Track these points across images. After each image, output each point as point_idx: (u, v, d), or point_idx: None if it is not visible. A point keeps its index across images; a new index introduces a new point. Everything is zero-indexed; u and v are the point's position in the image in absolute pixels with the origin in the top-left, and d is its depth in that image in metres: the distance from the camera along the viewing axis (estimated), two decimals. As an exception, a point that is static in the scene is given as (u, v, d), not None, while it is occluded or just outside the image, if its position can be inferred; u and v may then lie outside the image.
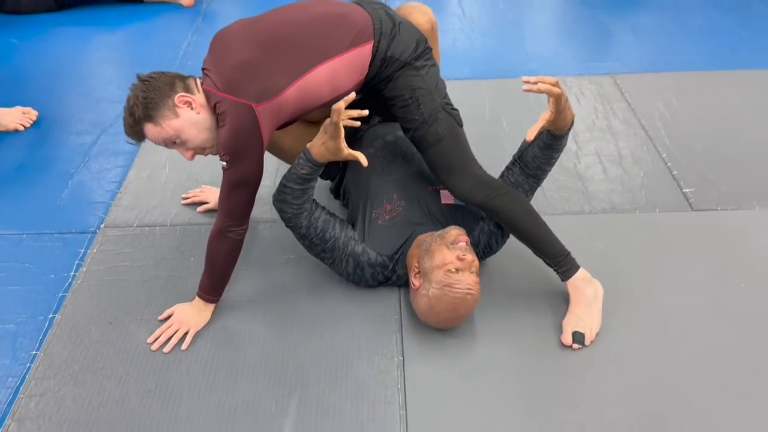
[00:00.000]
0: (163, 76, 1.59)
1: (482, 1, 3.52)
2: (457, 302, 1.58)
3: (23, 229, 2.07)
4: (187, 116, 1.57)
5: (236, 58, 1.57)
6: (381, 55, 1.64)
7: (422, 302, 1.62)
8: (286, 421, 1.50)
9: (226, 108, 1.54)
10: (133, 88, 1.59)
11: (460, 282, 1.57)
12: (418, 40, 1.69)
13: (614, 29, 3.20)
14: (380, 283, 1.78)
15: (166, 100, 1.56)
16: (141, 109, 1.56)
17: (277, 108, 1.57)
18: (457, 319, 1.63)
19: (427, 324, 1.67)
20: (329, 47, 1.60)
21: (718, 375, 1.57)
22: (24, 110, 2.56)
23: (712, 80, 2.72)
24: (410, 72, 1.66)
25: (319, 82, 1.60)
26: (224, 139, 1.55)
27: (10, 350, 1.69)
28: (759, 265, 1.85)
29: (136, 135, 1.61)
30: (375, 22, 1.64)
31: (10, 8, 3.38)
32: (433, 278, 1.59)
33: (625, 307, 1.73)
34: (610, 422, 1.48)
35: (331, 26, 1.63)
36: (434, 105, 1.67)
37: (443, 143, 1.67)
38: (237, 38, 1.62)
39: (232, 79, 1.54)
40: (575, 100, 2.61)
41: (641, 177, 2.20)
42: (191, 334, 1.70)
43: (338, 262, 1.75)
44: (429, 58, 1.71)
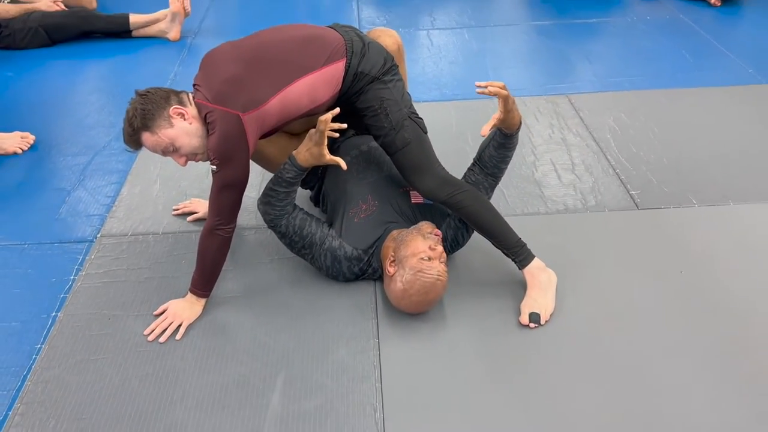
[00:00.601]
0: (159, 91, 1.79)
1: (449, 34, 3.79)
2: (428, 286, 1.76)
3: (24, 239, 2.22)
4: (180, 126, 1.77)
5: (225, 73, 1.77)
6: (353, 71, 1.86)
7: (396, 287, 1.81)
8: (273, 395, 1.67)
9: (215, 117, 1.73)
10: (132, 102, 1.78)
11: (432, 268, 1.76)
12: (385, 58, 1.91)
13: (569, 56, 3.47)
14: (356, 276, 1.96)
15: (162, 111, 1.75)
16: (139, 120, 1.75)
17: (261, 117, 1.78)
18: (427, 303, 1.81)
19: (400, 308, 1.85)
20: (307, 63, 1.82)
21: (657, 346, 1.77)
22: (22, 135, 2.74)
23: (657, 98, 2.99)
24: (379, 85, 1.88)
25: (299, 94, 1.81)
26: (214, 145, 1.74)
27: (16, 344, 1.83)
28: (696, 254, 2.07)
29: (134, 143, 1.80)
30: (347, 42, 1.87)
31: (6, 44, 3.57)
32: (407, 264, 1.77)
33: (576, 292, 1.93)
34: (561, 389, 1.66)
35: (308, 45, 1.85)
36: (401, 114, 1.88)
37: (410, 147, 1.89)
38: (225, 57, 1.83)
39: (221, 92, 1.74)
40: (534, 118, 2.85)
41: (592, 182, 2.43)
42: (184, 325, 1.86)
43: (317, 257, 1.93)
44: (395, 73, 1.93)
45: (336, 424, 1.60)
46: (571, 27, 3.83)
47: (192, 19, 3.88)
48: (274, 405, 1.64)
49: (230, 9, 4.28)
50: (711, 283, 1.96)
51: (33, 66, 3.48)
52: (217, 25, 3.96)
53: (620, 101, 2.98)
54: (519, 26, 3.89)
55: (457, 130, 2.75)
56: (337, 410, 1.63)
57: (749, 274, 1.99)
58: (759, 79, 3.13)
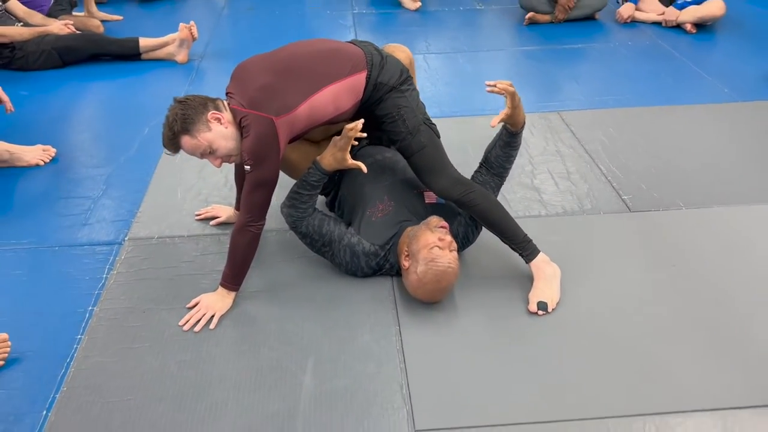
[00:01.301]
0: (198, 98, 1.94)
1: (444, 57, 4.01)
2: (440, 274, 1.91)
3: (55, 243, 2.34)
4: (217, 130, 1.92)
5: (258, 81, 1.94)
6: (373, 81, 2.03)
7: (412, 278, 1.95)
8: (305, 377, 1.79)
9: (250, 121, 1.89)
10: (172, 108, 1.93)
11: (442, 257, 1.90)
12: (401, 70, 2.09)
13: (557, 77, 3.70)
14: (374, 271, 2.11)
15: (200, 116, 1.90)
16: (180, 124, 1.89)
17: (291, 121, 1.94)
18: (441, 290, 1.96)
19: (417, 298, 1.99)
20: (332, 73, 1.99)
21: (651, 327, 1.93)
22: (44, 148, 2.86)
23: (641, 114, 3.21)
24: (396, 94, 2.06)
25: (325, 101, 1.98)
26: (249, 147, 1.90)
27: (57, 336, 1.94)
28: (684, 250, 2.25)
29: (173, 146, 1.94)
30: (367, 55, 2.05)
31: (19, 65, 3.71)
32: (420, 257, 1.92)
33: (578, 284, 2.10)
34: (567, 365, 1.82)
35: (332, 57, 2.02)
36: (417, 120, 2.06)
37: (425, 150, 2.05)
38: (256, 67, 2.00)
39: (256, 98, 1.91)
40: (529, 132, 3.04)
41: (587, 188, 2.62)
42: (217, 316, 1.99)
43: (337, 253, 2.07)
44: (411, 83, 2.12)
45: (366, 400, 1.73)
46: (558, 52, 4.07)
47: (198, 43, 4.05)
48: (308, 384, 1.77)
49: (233, 35, 4.48)
50: (698, 275, 2.14)
51: (46, 86, 3.61)
52: (222, 48, 4.14)
53: (608, 117, 3.19)
54: (508, 51, 4.13)
55: (458, 144, 2.92)
56: (366, 388, 1.76)
57: (731, 268, 2.17)
58: (734, 98, 3.38)
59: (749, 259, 2.21)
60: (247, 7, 4.99)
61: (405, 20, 4.69)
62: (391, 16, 4.79)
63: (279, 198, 2.45)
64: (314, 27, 4.64)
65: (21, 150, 2.80)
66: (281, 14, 4.84)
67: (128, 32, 4.11)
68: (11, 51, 3.69)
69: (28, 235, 2.37)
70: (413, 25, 4.56)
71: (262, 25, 4.61)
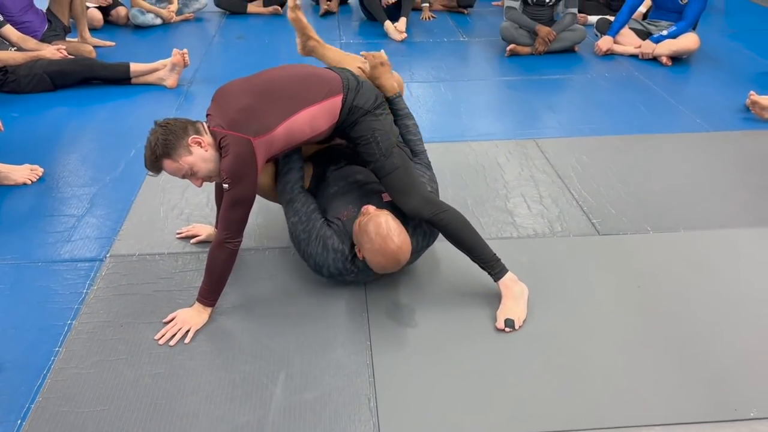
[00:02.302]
0: (178, 122, 2.01)
1: (426, 86, 4.13)
2: (376, 228, 1.95)
3: (38, 259, 2.39)
4: (198, 153, 1.99)
5: (238, 104, 2.02)
6: (349, 105, 2.12)
7: (368, 256, 2.00)
8: (276, 389, 1.84)
9: (229, 141, 1.96)
10: (153, 131, 2.00)
11: (366, 216, 2.00)
12: (377, 95, 2.19)
13: (535, 106, 3.82)
14: (339, 272, 2.13)
15: (181, 140, 1.98)
16: (161, 148, 1.96)
17: (269, 142, 2.02)
18: (391, 243, 1.95)
19: (385, 268, 2.01)
20: (309, 97, 2.08)
21: (615, 344, 2.00)
22: (32, 167, 2.93)
23: (615, 143, 3.32)
24: (371, 117, 2.15)
25: (302, 123, 2.07)
26: (227, 166, 1.97)
27: (35, 348, 1.98)
28: (651, 272, 2.33)
29: (155, 168, 2.02)
30: (343, 80, 2.14)
31: (11, 88, 3.80)
32: (360, 241, 2.00)
33: (546, 302, 2.16)
34: (532, 381, 1.88)
35: (309, 81, 2.12)
36: (390, 143, 2.14)
37: (397, 172, 2.13)
38: (236, 90, 2.09)
39: (235, 120, 1.99)
40: (505, 158, 3.14)
41: (558, 212, 2.70)
42: (192, 331, 2.04)
43: (311, 242, 2.11)
44: (385, 108, 2.21)
45: (335, 412, 1.78)
46: (537, 82, 4.20)
47: (188, 70, 4.16)
48: (278, 396, 1.82)
49: (222, 62, 4.59)
50: (664, 295, 2.21)
51: (37, 108, 3.69)
52: (210, 75, 4.25)
53: (582, 145, 3.29)
54: (489, 81, 4.25)
55: (437, 167, 2.98)
56: (335, 401, 1.81)
57: (695, 289, 2.25)
58: (706, 128, 3.49)
59: (712, 281, 2.29)
60: (237, 36, 5.12)
61: (390, 50, 4.75)
62: (377, 46, 4.91)
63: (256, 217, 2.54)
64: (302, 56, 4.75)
65: (9, 169, 2.86)
66: (270, 43, 4.97)
67: (120, 57, 4.23)
68: (4, 74, 3.78)
69: (12, 251, 2.43)
70: (398, 54, 4.70)
71: (251, 54, 4.73)
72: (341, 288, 2.23)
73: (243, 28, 5.32)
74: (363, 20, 5.59)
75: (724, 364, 1.93)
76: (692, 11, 4.39)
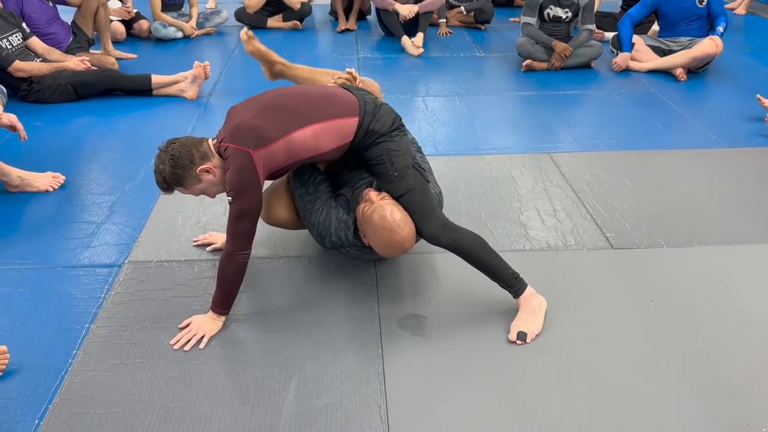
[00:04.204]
0: (184, 150, 2.02)
1: (442, 100, 4.16)
2: (379, 217, 2.01)
3: (58, 264, 2.44)
4: (207, 179, 2.06)
5: (241, 117, 2.06)
6: (365, 128, 2.14)
7: (376, 248, 2.06)
8: (288, 395, 1.86)
9: (230, 154, 2.00)
10: (161, 160, 2.03)
11: (370, 205, 2.04)
12: (394, 118, 2.22)
13: (550, 121, 3.83)
14: (341, 243, 2.17)
15: (189, 172, 2.03)
16: (171, 179, 2.03)
17: (269, 155, 2.03)
18: (395, 226, 2.01)
19: (393, 252, 2.08)
20: (315, 115, 2.10)
21: (629, 359, 2.00)
22: (54, 175, 2.99)
23: (630, 158, 3.32)
24: (387, 140, 2.17)
25: (303, 140, 2.08)
26: (230, 179, 2.00)
27: (52, 350, 2.02)
28: (664, 287, 2.32)
29: (168, 192, 2.10)
30: (360, 103, 2.17)
31: (35, 98, 3.89)
32: (365, 230, 2.05)
33: (559, 316, 2.16)
34: (545, 399, 1.88)
35: (320, 101, 2.15)
36: (405, 163, 2.16)
37: (412, 193, 2.13)
38: (244, 106, 2.14)
39: (235, 132, 2.02)
40: (519, 171, 3.16)
41: (572, 226, 2.71)
42: (207, 337, 2.07)
43: (315, 211, 2.17)
44: (402, 129, 2.24)
45: (345, 418, 1.79)
46: (553, 97, 4.22)
47: (208, 82, 4.24)
48: (289, 403, 1.84)
49: (241, 75, 4.66)
50: (677, 310, 2.21)
51: (60, 118, 3.78)
52: (230, 88, 4.32)
53: (596, 160, 3.30)
54: (505, 95, 4.28)
55: (451, 181, 3.04)
56: (346, 407, 1.82)
57: (710, 304, 2.24)
58: (721, 144, 3.49)
59: (726, 296, 2.28)
60: (256, 49, 5.20)
61: (407, 65, 4.88)
62: (394, 60, 4.98)
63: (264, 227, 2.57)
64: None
65: (32, 176, 2.93)
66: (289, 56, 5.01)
67: (142, 69, 4.31)
68: (29, 85, 3.88)
69: (33, 256, 2.48)
70: (414, 69, 4.75)
71: (270, 66, 4.79)
72: (353, 296, 2.26)
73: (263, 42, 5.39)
74: (381, 36, 5.65)
75: (737, 380, 1.92)
76: (717, 5, 4.42)
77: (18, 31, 3.92)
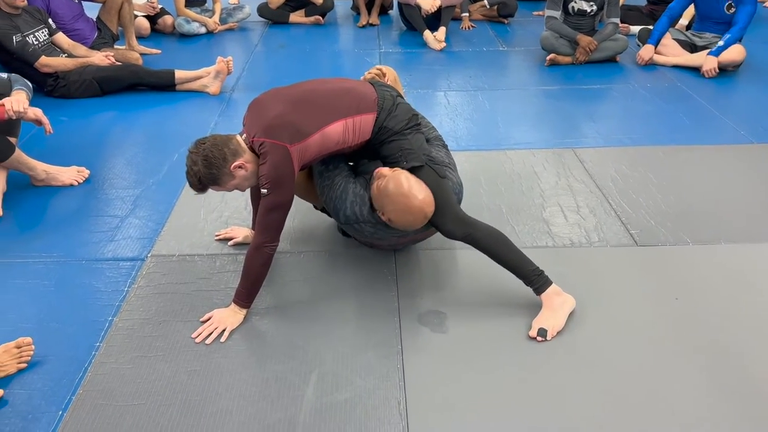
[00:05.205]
0: (216, 149, 2.02)
1: (464, 95, 4.13)
2: (395, 187, 2.00)
3: (83, 257, 2.47)
4: (240, 175, 2.07)
5: (274, 111, 2.07)
6: (380, 124, 2.16)
7: (396, 219, 2.03)
8: (308, 389, 1.87)
9: (267, 149, 2.01)
10: (193, 161, 2.02)
11: (388, 186, 2.01)
12: (410, 117, 2.22)
13: (574, 116, 3.78)
14: (356, 218, 2.16)
15: (224, 170, 2.03)
16: (207, 179, 2.04)
17: (304, 149, 2.06)
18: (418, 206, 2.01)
19: (414, 222, 2.05)
20: (343, 109, 2.12)
21: (652, 357, 1.96)
22: (78, 169, 3.03)
23: (655, 153, 3.27)
24: (400, 137, 2.18)
25: (336, 133, 2.11)
26: (266, 172, 2.01)
27: (76, 343, 2.05)
28: (689, 285, 2.28)
29: (201, 191, 2.11)
30: (379, 99, 2.18)
31: (61, 93, 3.94)
32: (382, 204, 2.04)
33: (581, 313, 2.14)
34: (565, 397, 1.86)
35: (346, 95, 2.16)
36: (418, 160, 2.15)
37: None
38: (272, 99, 2.14)
39: (272, 126, 2.03)
40: (542, 167, 3.13)
41: (595, 222, 2.67)
42: (228, 330, 2.08)
43: (334, 185, 2.19)
44: (418, 128, 2.23)
45: (364, 413, 1.79)
46: (577, 92, 4.16)
47: (230, 77, 4.26)
48: (309, 397, 1.84)
49: (263, 69, 4.68)
50: (702, 309, 2.17)
51: (85, 112, 3.83)
52: (252, 83, 4.33)
53: (621, 155, 3.25)
54: (528, 90, 4.23)
55: (472, 176, 3.02)
56: (365, 403, 1.82)
57: (736, 303, 2.19)
58: (750, 139, 3.41)
59: (753, 295, 2.23)
60: (278, 44, 5.22)
61: (429, 59, 4.85)
62: (416, 55, 4.96)
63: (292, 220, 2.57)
64: (341, 64, 4.83)
65: (57, 170, 2.97)
66: (311, 51, 5.05)
67: (165, 64, 4.35)
68: (55, 80, 3.93)
69: (59, 249, 2.52)
70: (437, 64, 4.72)
71: (292, 62, 4.81)
72: (373, 290, 2.25)
73: (285, 37, 5.42)
74: (403, 30, 5.62)
75: (763, 381, 1.88)
76: (743, 17, 4.27)
77: (44, 27, 3.97)
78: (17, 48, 3.74)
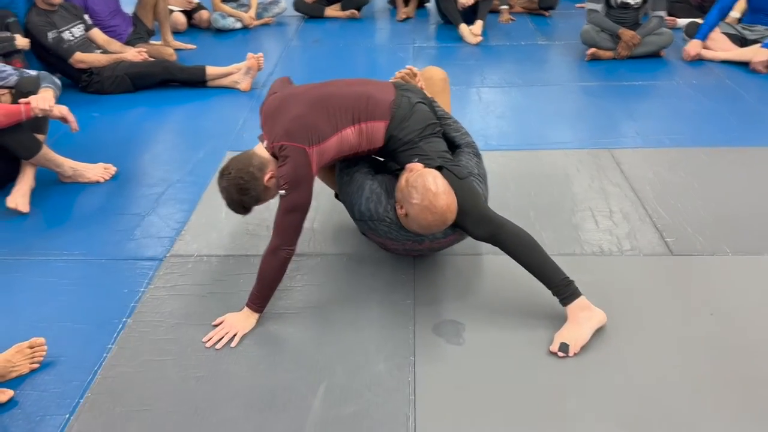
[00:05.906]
0: (244, 174, 2.05)
1: (497, 91, 4.01)
2: (429, 194, 1.91)
3: (103, 255, 2.48)
4: (273, 183, 2.08)
5: (292, 113, 2.04)
6: (390, 133, 2.12)
7: (415, 215, 1.94)
8: (315, 400, 1.81)
9: (287, 151, 2.00)
10: (228, 194, 2.09)
11: (417, 181, 1.93)
12: (425, 127, 2.15)
13: (613, 114, 3.62)
14: (371, 215, 2.10)
15: (259, 188, 2.07)
16: (249, 202, 2.10)
17: (322, 151, 2.03)
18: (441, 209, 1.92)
19: (430, 227, 1.96)
20: (357, 114, 2.10)
21: (683, 384, 1.84)
22: (105, 166, 3.05)
23: (697, 155, 3.09)
24: (411, 146, 2.13)
25: (352, 137, 2.09)
26: (285, 173, 1.99)
27: (88, 344, 2.04)
28: (726, 299, 2.14)
29: (247, 213, 2.17)
30: (394, 106, 2.13)
31: (95, 89, 3.99)
32: (407, 196, 1.95)
33: (606, 328, 2.02)
34: (584, 418, 1.76)
35: (361, 99, 2.13)
36: (434, 165, 2.07)
37: None
38: (288, 101, 2.12)
39: (291, 129, 2.02)
40: (575, 169, 2.99)
41: (628, 229, 2.54)
42: (239, 335, 2.05)
43: (352, 179, 2.16)
44: (433, 135, 2.17)
45: (371, 428, 1.73)
46: (617, 88, 3.99)
47: (262, 73, 4.23)
48: (316, 409, 1.79)
49: (296, 64, 4.65)
50: (739, 326, 2.02)
51: (117, 108, 3.86)
52: (284, 78, 4.29)
53: (661, 157, 3.09)
54: (566, 86, 4.07)
55: (499, 178, 2.91)
56: (372, 417, 1.76)
57: (779, 320, 2.05)
58: (802, 142, 3.21)
59: (797, 312, 2.08)
60: (313, 39, 5.17)
61: (464, 54, 4.73)
62: (451, 49, 4.84)
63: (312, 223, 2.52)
64: (374, 60, 4.76)
65: (84, 167, 2.99)
66: (345, 46, 4.99)
67: (200, 60, 4.34)
68: (89, 76, 3.97)
69: (79, 247, 2.53)
70: (471, 59, 4.60)
71: (325, 57, 4.76)
72: (390, 298, 2.18)
73: (320, 32, 5.38)
74: (439, 24, 5.51)
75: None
76: None
77: (80, 23, 4.02)
78: (52, 44, 3.79)
